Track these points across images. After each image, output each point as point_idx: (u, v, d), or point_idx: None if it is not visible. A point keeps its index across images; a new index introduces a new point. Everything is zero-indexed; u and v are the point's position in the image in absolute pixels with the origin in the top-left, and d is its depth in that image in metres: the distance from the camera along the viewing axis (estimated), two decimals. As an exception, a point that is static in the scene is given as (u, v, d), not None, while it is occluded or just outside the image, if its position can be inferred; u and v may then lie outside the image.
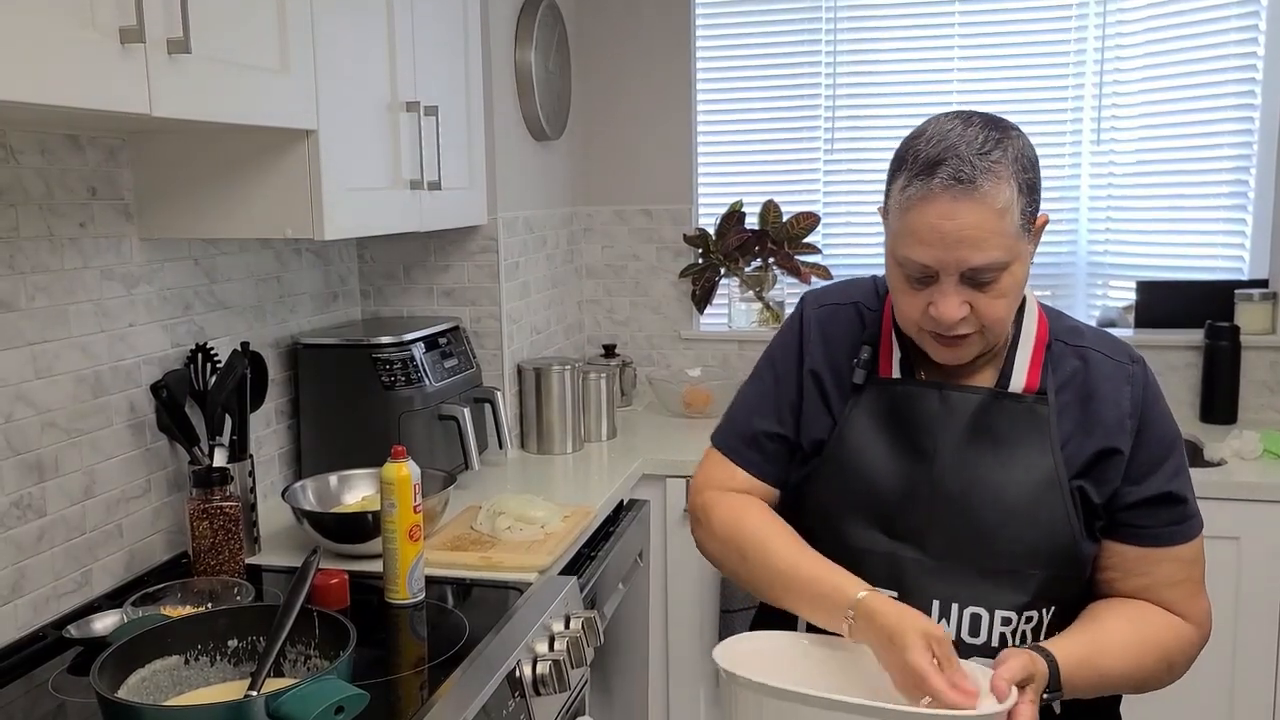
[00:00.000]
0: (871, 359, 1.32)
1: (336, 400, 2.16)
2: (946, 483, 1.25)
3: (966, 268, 1.15)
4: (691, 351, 3.19)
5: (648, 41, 3.09)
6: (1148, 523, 1.25)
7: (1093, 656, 1.19)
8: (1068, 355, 1.28)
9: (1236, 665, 2.30)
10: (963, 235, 1.13)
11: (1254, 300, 2.75)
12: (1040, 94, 2.92)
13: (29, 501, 1.54)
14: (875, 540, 1.27)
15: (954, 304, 1.17)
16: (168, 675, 1.26)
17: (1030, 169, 1.18)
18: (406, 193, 1.96)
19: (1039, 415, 1.25)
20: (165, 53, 1.24)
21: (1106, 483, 1.24)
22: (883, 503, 1.28)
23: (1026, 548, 1.23)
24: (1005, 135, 1.17)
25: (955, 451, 1.25)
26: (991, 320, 1.19)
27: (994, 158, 1.13)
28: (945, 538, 1.25)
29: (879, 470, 1.28)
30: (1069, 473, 1.24)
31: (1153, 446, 1.25)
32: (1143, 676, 1.24)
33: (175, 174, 1.71)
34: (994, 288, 1.17)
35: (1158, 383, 1.30)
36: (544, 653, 1.51)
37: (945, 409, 1.26)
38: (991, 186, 1.12)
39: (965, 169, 1.12)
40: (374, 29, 1.85)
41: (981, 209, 1.12)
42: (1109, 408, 1.24)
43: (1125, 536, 1.26)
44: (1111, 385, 1.25)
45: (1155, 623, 1.25)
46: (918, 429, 1.27)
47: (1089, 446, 1.24)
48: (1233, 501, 2.26)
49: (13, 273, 1.51)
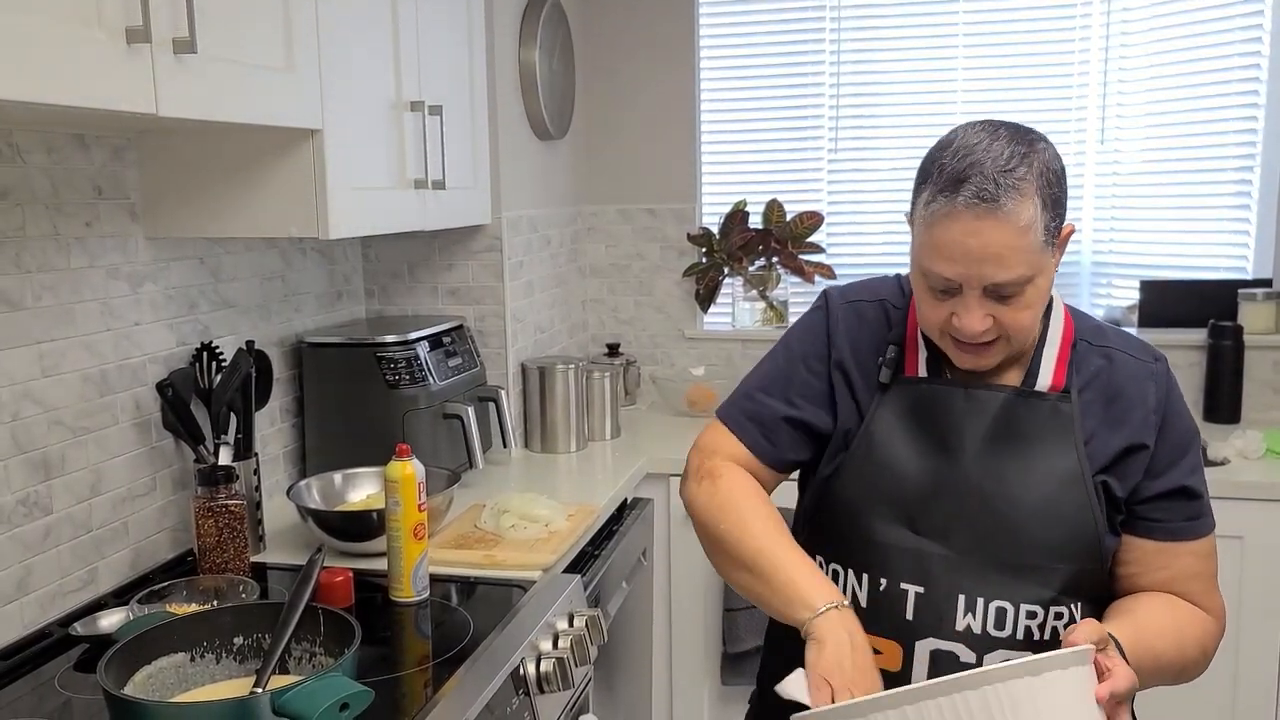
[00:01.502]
0: (898, 358, 1.33)
1: (341, 399, 2.17)
2: (971, 479, 1.26)
3: (989, 284, 1.16)
4: (695, 351, 3.19)
5: (652, 40, 3.09)
6: (1166, 516, 1.27)
7: (1145, 639, 1.20)
8: (1092, 354, 1.30)
9: (1240, 663, 2.30)
10: (986, 254, 1.14)
11: (1257, 300, 2.74)
12: (1045, 93, 2.92)
13: (35, 499, 1.55)
14: (901, 536, 1.28)
15: (977, 317, 1.19)
16: (173, 672, 1.26)
17: (1055, 183, 1.18)
18: (411, 192, 1.97)
19: (1063, 413, 1.27)
20: (171, 52, 1.25)
21: (1130, 477, 1.27)
22: (908, 499, 1.28)
23: (1050, 543, 1.24)
24: (1031, 149, 1.17)
25: (980, 449, 1.27)
26: (1015, 330, 1.21)
27: (1019, 174, 1.14)
28: (969, 533, 1.26)
29: (904, 467, 1.29)
30: (1093, 468, 1.26)
31: (1173, 442, 1.28)
32: (1184, 664, 1.26)
33: (181, 173, 1.72)
34: (1018, 300, 1.18)
35: (1177, 381, 1.33)
36: (548, 651, 1.51)
37: (970, 407, 1.28)
38: (1014, 205, 1.13)
39: (989, 187, 1.13)
40: (379, 29, 1.85)
41: (1004, 228, 1.13)
42: (1135, 405, 1.27)
43: (1144, 530, 1.28)
44: (1136, 384, 1.28)
45: (1187, 612, 1.28)
46: (943, 427, 1.29)
47: (1115, 443, 1.26)
48: (1236, 501, 2.26)
49: (19, 271, 1.52)
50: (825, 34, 3.05)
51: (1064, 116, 2.92)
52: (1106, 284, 3.01)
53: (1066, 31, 2.89)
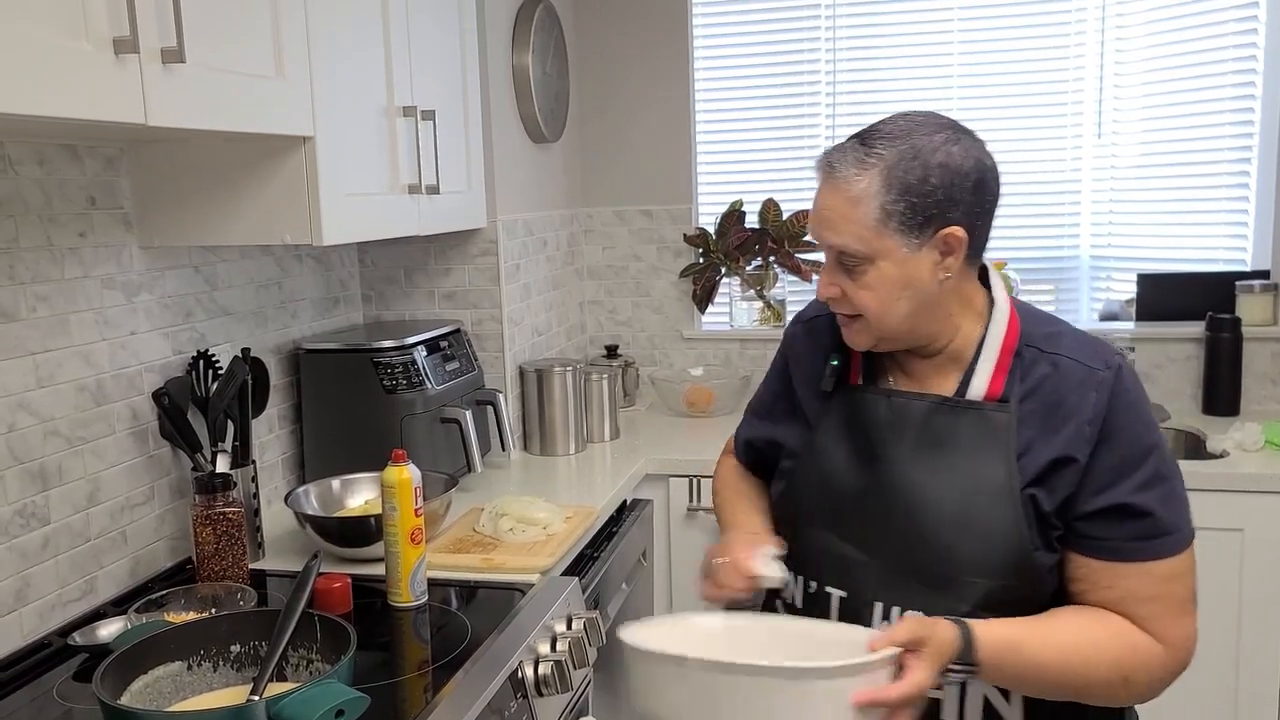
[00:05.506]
0: (841, 366, 1.36)
1: (338, 405, 2.17)
2: (893, 488, 1.26)
3: (826, 246, 1.24)
4: (694, 351, 3.19)
5: (646, 41, 3.09)
6: (1106, 535, 1.20)
7: (1023, 642, 1.17)
8: (1041, 362, 1.24)
9: (1240, 657, 2.30)
10: (820, 215, 1.23)
11: (1255, 292, 2.74)
12: (1042, 88, 2.92)
13: (33, 510, 1.55)
14: (829, 541, 1.31)
15: (825, 280, 1.26)
16: (170, 681, 1.26)
17: (923, 175, 1.16)
18: (405, 197, 1.97)
19: (994, 423, 1.22)
20: (160, 62, 1.25)
21: (1059, 490, 1.20)
22: (835, 506, 1.32)
23: (967, 556, 1.21)
24: (918, 140, 1.18)
25: (905, 457, 1.26)
26: (863, 308, 1.23)
27: (875, 152, 1.19)
28: (890, 542, 1.26)
29: (835, 475, 1.32)
30: (1023, 481, 1.21)
31: (1119, 454, 1.19)
32: (1086, 682, 1.18)
33: (174, 182, 1.72)
34: (861, 278, 1.22)
35: (1139, 392, 1.24)
36: (546, 653, 1.51)
37: (893, 415, 1.28)
38: (850, 174, 1.19)
39: (836, 157, 1.21)
40: (370, 34, 1.85)
41: (836, 194, 1.21)
42: (1071, 415, 1.20)
43: (1084, 548, 1.22)
44: (1078, 392, 1.21)
45: (1113, 632, 1.19)
46: (872, 435, 1.30)
47: (1045, 454, 1.21)
48: (1235, 493, 2.26)
49: (13, 283, 1.52)
50: (821, 32, 3.05)
51: (1061, 111, 2.92)
52: (1105, 277, 3.01)
53: (1063, 26, 2.89)
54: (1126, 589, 1.20)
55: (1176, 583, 1.20)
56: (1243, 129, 2.76)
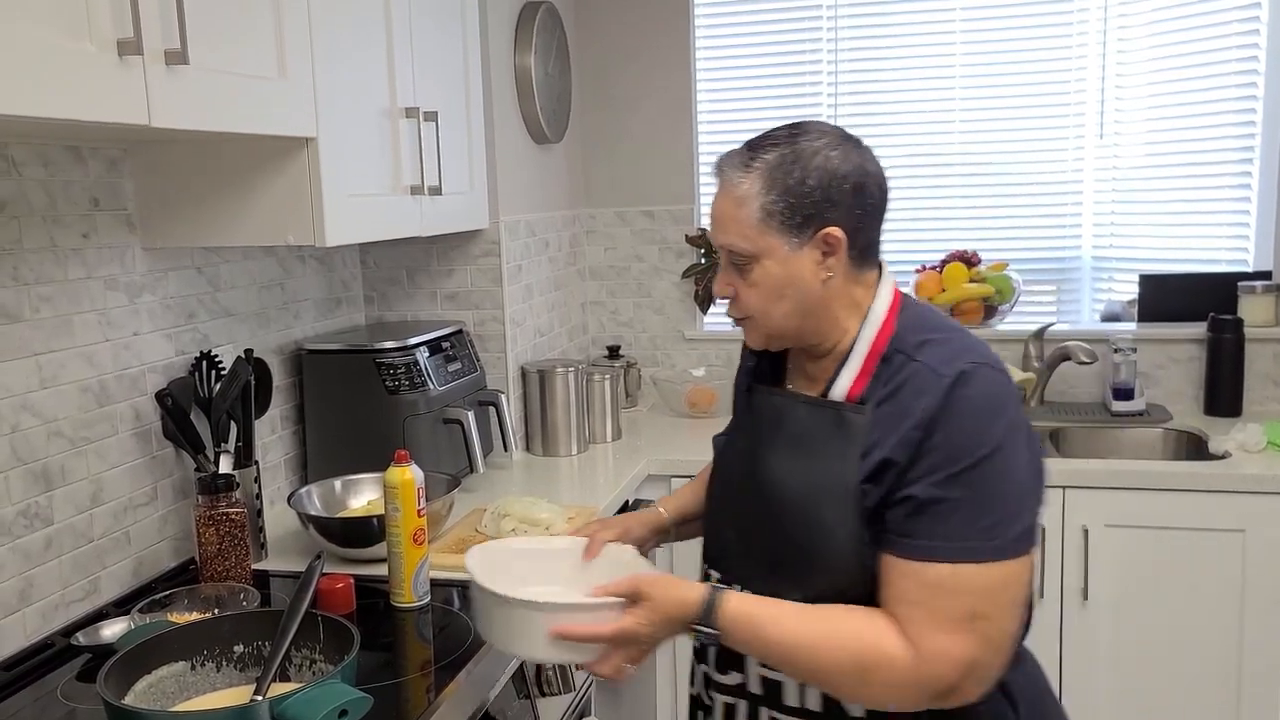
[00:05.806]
0: (757, 367, 1.42)
1: (341, 405, 2.17)
2: (761, 483, 1.31)
3: (719, 246, 1.28)
4: (695, 351, 3.20)
5: (648, 41, 3.09)
6: (892, 527, 1.18)
7: (760, 617, 1.20)
8: (904, 367, 1.23)
9: (1243, 657, 2.30)
10: (713, 216, 1.29)
11: (1257, 292, 2.74)
12: (1044, 88, 2.92)
13: (36, 510, 1.56)
14: (718, 529, 1.41)
15: (721, 280, 1.31)
16: (174, 681, 1.27)
17: (801, 177, 1.21)
18: (407, 198, 1.97)
19: (849, 423, 1.23)
20: (163, 64, 1.26)
21: (879, 488, 1.19)
22: (725, 496, 1.42)
23: (805, 548, 1.24)
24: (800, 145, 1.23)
25: (773, 454, 1.31)
26: (749, 306, 1.28)
27: (764, 156, 1.23)
28: (754, 534, 1.33)
29: (727, 468, 1.43)
30: (858, 479, 1.20)
31: (942, 452, 1.16)
32: (817, 667, 1.18)
33: (177, 183, 1.72)
34: (749, 276, 1.26)
35: (987, 400, 1.18)
36: (548, 654, 1.51)
37: (770, 412, 1.35)
38: (734, 178, 1.25)
39: (725, 161, 1.27)
40: (372, 35, 1.85)
41: (725, 196, 1.26)
42: (905, 419, 1.19)
43: (880, 542, 1.20)
44: (917, 397, 1.19)
45: (860, 625, 1.17)
46: (757, 433, 1.36)
47: (878, 455, 1.20)
48: (1237, 494, 2.26)
49: (17, 284, 1.52)
50: (823, 32, 3.05)
51: (1063, 112, 2.92)
52: (1107, 279, 3.01)
53: (1065, 26, 2.89)
54: (899, 589, 1.17)
55: (950, 597, 1.13)
56: (1245, 129, 2.76)
